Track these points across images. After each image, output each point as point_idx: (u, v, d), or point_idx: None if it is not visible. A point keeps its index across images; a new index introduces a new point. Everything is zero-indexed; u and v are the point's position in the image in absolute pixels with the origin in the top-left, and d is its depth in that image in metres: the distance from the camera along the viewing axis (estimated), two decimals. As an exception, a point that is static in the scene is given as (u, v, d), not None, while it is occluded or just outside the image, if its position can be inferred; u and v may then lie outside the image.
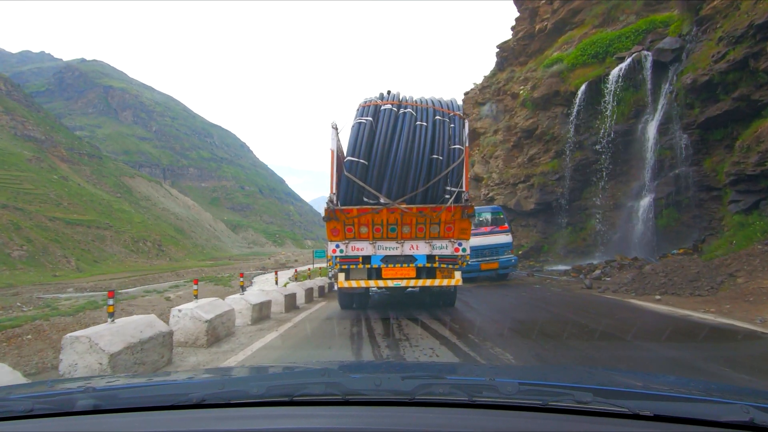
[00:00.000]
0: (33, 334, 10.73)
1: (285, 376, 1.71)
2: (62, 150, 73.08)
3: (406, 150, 7.32)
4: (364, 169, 7.35)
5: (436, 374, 1.62)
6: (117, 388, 1.44)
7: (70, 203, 53.81)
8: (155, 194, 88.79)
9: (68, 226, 46.96)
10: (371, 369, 2.00)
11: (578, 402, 1.07)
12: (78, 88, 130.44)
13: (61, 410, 1.15)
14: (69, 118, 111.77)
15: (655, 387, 1.46)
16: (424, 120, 7.68)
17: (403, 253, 7.62)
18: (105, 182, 75.80)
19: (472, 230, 8.03)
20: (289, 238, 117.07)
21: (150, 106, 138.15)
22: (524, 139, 21.73)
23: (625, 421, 1.02)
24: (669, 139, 14.91)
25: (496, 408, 1.10)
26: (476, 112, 27.50)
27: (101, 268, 41.64)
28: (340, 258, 7.65)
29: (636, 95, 16.45)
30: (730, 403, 1.13)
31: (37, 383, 3.13)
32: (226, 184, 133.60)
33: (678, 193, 14.42)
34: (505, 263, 14.34)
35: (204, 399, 1.15)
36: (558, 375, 1.86)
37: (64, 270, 37.32)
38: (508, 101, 24.61)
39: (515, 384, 1.20)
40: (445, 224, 7.54)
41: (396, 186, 7.34)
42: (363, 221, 7.50)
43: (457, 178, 7.47)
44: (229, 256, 71.71)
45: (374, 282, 7.81)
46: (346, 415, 1.13)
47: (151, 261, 52.25)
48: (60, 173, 63.69)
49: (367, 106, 7.80)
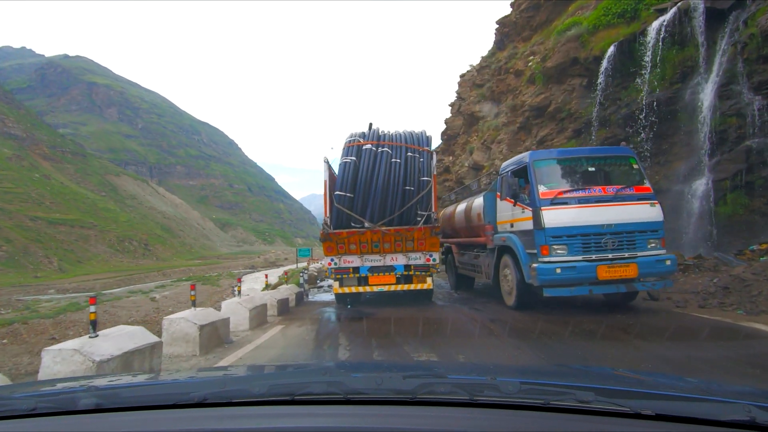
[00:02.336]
0: (9, 338, 10.24)
1: (286, 375, 1.73)
2: (44, 148, 71.37)
3: (384, 183, 9.07)
4: (350, 200, 9.14)
5: (438, 373, 1.61)
6: (119, 387, 1.44)
7: (52, 202, 52.54)
8: (142, 193, 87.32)
9: (50, 225, 45.82)
10: (372, 368, 1.98)
11: (580, 401, 1.06)
12: (61, 85, 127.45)
13: (64, 409, 1.15)
14: (52, 116, 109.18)
15: (656, 386, 1.45)
16: (398, 157, 9.40)
17: (385, 264, 9.34)
18: (89, 181, 74.23)
19: (571, 194, 6.87)
20: (279, 237, 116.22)
21: (136, 103, 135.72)
22: (533, 119, 18.59)
23: (626, 421, 1.02)
24: (734, 104, 11.68)
25: (498, 407, 1.10)
26: (474, 95, 25.39)
27: (85, 268, 40.70)
28: (335, 269, 9.38)
29: (682, 54, 13.22)
30: (731, 403, 1.13)
31: (39, 382, 3.17)
32: (214, 182, 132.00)
33: (750, 172, 10.98)
34: (650, 267, 6.72)
35: (205, 398, 1.15)
36: (559, 374, 1.85)
37: (45, 271, 36.37)
38: (511, 80, 21.67)
39: (517, 383, 1.21)
40: (418, 240, 9.25)
41: (377, 212, 9.10)
42: (352, 240, 9.22)
43: (426, 203, 9.22)
44: (218, 255, 70.86)
45: (363, 288, 9.48)
46: (347, 414, 1.13)
47: (137, 261, 51.28)
48: (42, 171, 62.16)
49: (351, 146, 9.52)
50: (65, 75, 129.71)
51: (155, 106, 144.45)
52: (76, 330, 12.40)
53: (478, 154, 22.82)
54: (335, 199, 9.20)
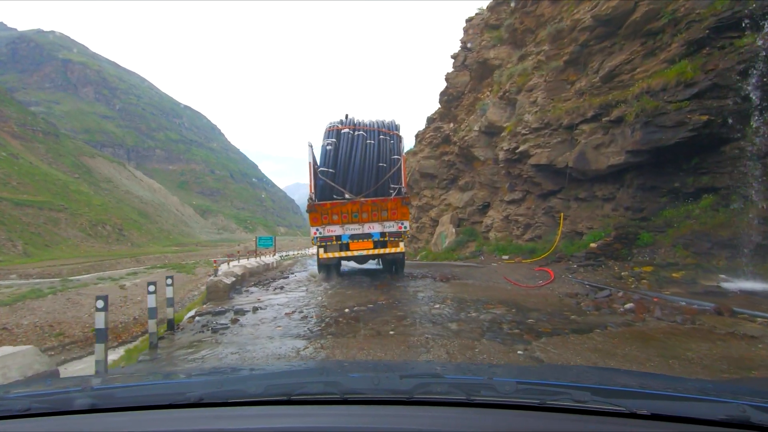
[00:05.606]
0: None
1: (283, 375, 1.72)
2: (13, 125, 67.93)
3: (360, 161, 10.66)
4: (332, 175, 10.65)
5: (435, 373, 1.62)
6: (114, 387, 1.45)
7: (19, 182, 49.97)
8: (118, 176, 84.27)
9: (16, 207, 43.53)
10: (369, 368, 1.96)
11: (576, 401, 1.07)
12: (34, 61, 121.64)
13: (59, 409, 1.15)
14: (23, 92, 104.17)
15: (652, 386, 1.47)
16: (372, 139, 10.90)
17: (363, 232, 10.72)
18: (62, 162, 71.09)
19: None
20: (261, 225, 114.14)
21: (113, 83, 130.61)
22: (595, 43, 12.50)
23: (622, 420, 1.03)
24: None
25: (494, 407, 1.11)
26: (487, 39, 20.12)
27: (53, 253, 38.77)
28: (320, 238, 10.70)
29: None
30: (726, 402, 1.13)
31: (34, 382, 3.16)
32: (195, 168, 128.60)
33: None
34: None
35: (202, 398, 1.15)
36: (556, 374, 1.86)
37: (8, 255, 34.46)
38: (545, 6, 15.81)
39: (513, 383, 1.23)
40: (391, 210, 10.68)
41: (356, 186, 10.68)
42: (334, 211, 10.61)
43: (397, 178, 10.84)
44: (196, 242, 68.99)
45: (344, 253, 10.87)
46: (344, 414, 1.12)
47: (111, 246, 49.31)
48: (9, 150, 59.10)
49: (331, 130, 11.05)
50: (39, 50, 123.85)
51: (134, 87, 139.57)
52: (30, 319, 11.34)
53: (494, 112, 17.81)
54: (319, 174, 10.66)
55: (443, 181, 22.91)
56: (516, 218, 15.77)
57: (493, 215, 17.71)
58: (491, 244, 16.69)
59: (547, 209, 13.90)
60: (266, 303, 8.66)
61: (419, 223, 24.92)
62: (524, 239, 14.96)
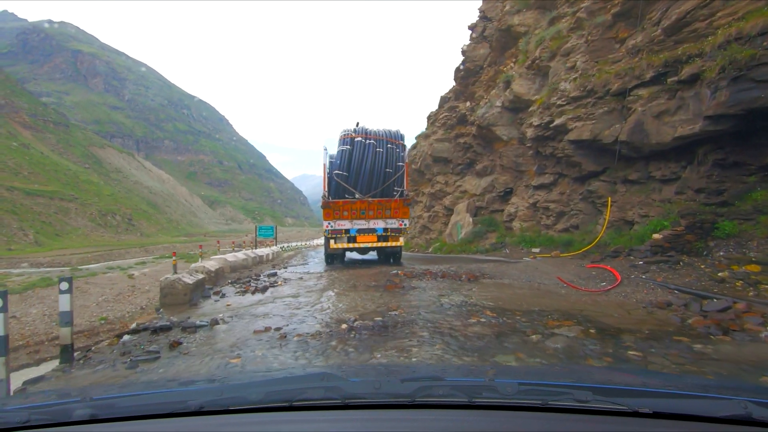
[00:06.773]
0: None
1: (284, 381, 1.73)
2: (24, 116, 68.57)
3: (370, 166, 12.14)
4: (345, 177, 12.22)
5: (436, 376, 1.60)
6: (114, 397, 1.43)
7: (31, 172, 50.53)
8: (127, 166, 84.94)
9: (28, 196, 44.04)
10: (370, 372, 1.98)
11: (578, 401, 1.07)
12: (44, 52, 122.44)
13: (58, 420, 1.14)
14: (34, 83, 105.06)
15: (653, 384, 1.46)
16: (381, 147, 12.33)
17: (369, 227, 12.17)
18: (72, 152, 71.76)
19: None
20: (268, 216, 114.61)
21: (123, 74, 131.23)
22: None
23: (624, 419, 1.03)
24: None
25: (496, 408, 1.11)
26: (510, 4, 18.01)
27: (63, 242, 39.26)
28: (331, 230, 12.24)
29: None
30: (727, 399, 1.13)
31: (33, 393, 3.15)
32: (203, 159, 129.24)
33: None
34: None
35: (203, 406, 1.14)
36: (557, 374, 1.86)
37: (20, 244, 34.92)
38: None
39: (515, 384, 1.21)
40: (394, 209, 12.17)
41: (365, 187, 12.21)
42: (345, 208, 12.17)
43: (400, 182, 12.46)
44: (205, 233, 69.47)
45: (351, 244, 12.44)
46: (346, 419, 1.12)
47: (120, 236, 49.82)
48: (21, 140, 59.73)
49: (346, 138, 12.42)
50: (49, 41, 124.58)
51: (143, 78, 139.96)
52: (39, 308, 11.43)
53: (520, 84, 15.63)
54: (335, 176, 12.23)
55: (458, 166, 21.30)
56: (546, 205, 14.07)
57: (517, 202, 16.19)
58: (515, 236, 15.30)
59: (585, 194, 12.16)
60: (236, 312, 6.46)
61: (431, 212, 23.15)
62: (556, 229, 13.47)
